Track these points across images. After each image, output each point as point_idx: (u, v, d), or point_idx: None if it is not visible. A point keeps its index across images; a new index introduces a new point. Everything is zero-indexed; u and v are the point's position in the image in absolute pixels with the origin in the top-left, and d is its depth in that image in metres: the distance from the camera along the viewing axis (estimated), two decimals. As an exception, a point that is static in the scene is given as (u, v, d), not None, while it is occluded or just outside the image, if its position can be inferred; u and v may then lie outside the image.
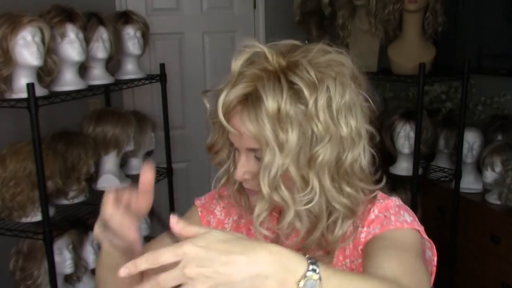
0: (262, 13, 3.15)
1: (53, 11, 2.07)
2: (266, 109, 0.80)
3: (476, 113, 2.98)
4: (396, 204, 0.95)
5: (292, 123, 0.81)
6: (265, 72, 0.84)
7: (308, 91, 0.81)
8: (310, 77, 0.82)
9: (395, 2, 2.43)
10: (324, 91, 0.82)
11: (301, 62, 0.84)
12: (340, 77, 0.85)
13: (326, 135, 0.83)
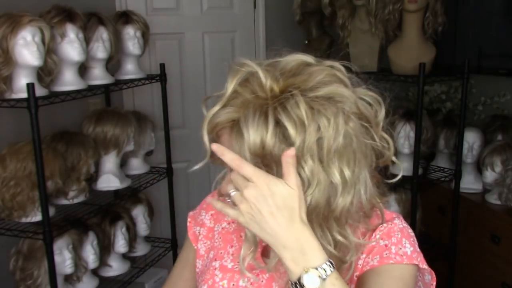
0: (262, 13, 3.15)
1: (53, 11, 2.07)
2: (248, 143, 0.77)
3: (476, 113, 2.98)
4: (399, 228, 0.92)
5: (276, 162, 0.77)
6: (255, 99, 0.79)
7: (295, 131, 0.76)
8: (300, 116, 0.76)
9: (395, 2, 2.43)
10: (314, 131, 0.76)
11: (294, 94, 0.77)
12: (336, 117, 0.77)
13: (313, 180, 0.78)
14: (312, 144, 0.76)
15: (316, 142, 0.76)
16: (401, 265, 0.87)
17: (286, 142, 0.76)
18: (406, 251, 0.89)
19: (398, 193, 2.56)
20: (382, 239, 0.89)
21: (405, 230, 0.93)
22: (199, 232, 1.07)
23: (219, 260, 1.00)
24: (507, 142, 2.53)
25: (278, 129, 0.76)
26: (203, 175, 3.23)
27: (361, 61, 2.69)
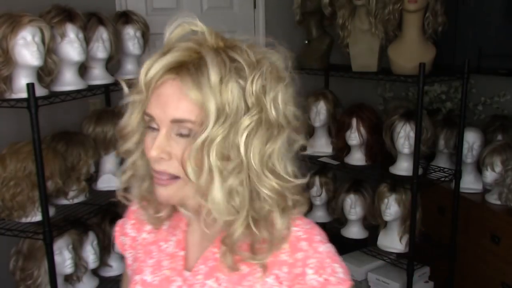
0: (262, 13, 3.15)
1: (53, 11, 2.07)
2: (209, 78, 0.78)
3: (476, 113, 2.98)
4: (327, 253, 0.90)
5: (233, 95, 0.79)
6: (204, 47, 0.82)
7: (249, 70, 0.81)
8: (250, 58, 0.82)
9: (395, 2, 2.43)
10: (260, 74, 0.82)
11: (240, 45, 0.85)
12: (273, 72, 0.85)
13: (257, 113, 0.81)
14: (259, 84, 0.81)
15: (261, 83, 0.81)
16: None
17: (240, 78, 0.80)
18: (340, 276, 0.88)
19: (398, 193, 2.56)
20: (319, 275, 0.87)
21: (331, 252, 0.90)
22: (124, 241, 1.05)
23: (139, 274, 0.98)
24: (507, 142, 2.53)
25: (234, 65, 0.80)
26: (203, 175, 3.23)
27: (361, 61, 2.69)
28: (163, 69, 0.80)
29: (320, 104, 2.88)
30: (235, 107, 0.79)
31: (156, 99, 0.81)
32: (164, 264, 0.96)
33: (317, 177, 2.99)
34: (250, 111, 0.80)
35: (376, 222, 2.73)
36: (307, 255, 0.87)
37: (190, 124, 0.80)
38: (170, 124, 0.81)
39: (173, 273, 0.94)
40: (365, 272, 2.80)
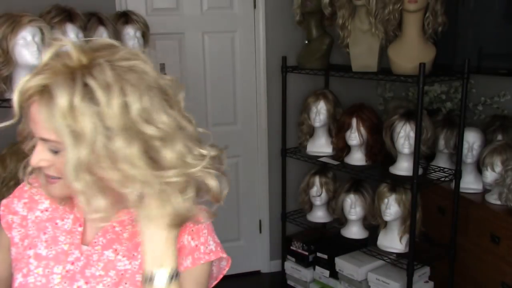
0: (262, 13, 3.15)
1: (53, 11, 2.07)
2: (57, 104, 0.81)
3: (476, 113, 2.98)
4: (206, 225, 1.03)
5: (87, 120, 0.82)
6: (65, 67, 0.84)
7: (101, 92, 0.82)
8: (106, 79, 0.83)
9: (395, 2, 2.43)
10: (118, 93, 0.83)
11: (101, 62, 0.85)
12: (139, 84, 0.85)
13: (122, 131, 0.83)
14: (118, 104, 0.82)
15: (120, 104, 0.82)
16: (208, 263, 1.01)
17: (93, 102, 0.82)
18: (212, 248, 1.02)
19: (398, 193, 2.56)
20: (192, 239, 1.00)
21: (210, 227, 1.04)
22: (12, 220, 1.07)
23: (33, 248, 1.02)
24: (507, 142, 2.53)
25: (86, 91, 0.82)
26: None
27: (361, 61, 2.69)
28: (29, 91, 0.85)
29: (320, 104, 2.89)
30: (93, 131, 0.82)
31: (29, 116, 0.88)
32: (60, 239, 1.02)
33: (317, 177, 2.99)
34: (118, 131, 0.83)
35: (376, 222, 2.73)
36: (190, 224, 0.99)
37: (56, 144, 0.86)
38: (41, 140, 0.89)
39: (71, 247, 1.01)
40: (365, 272, 2.80)
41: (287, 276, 3.24)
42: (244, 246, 3.44)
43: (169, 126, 0.88)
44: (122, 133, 0.83)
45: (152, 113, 0.86)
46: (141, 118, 0.84)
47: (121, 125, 0.83)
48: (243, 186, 3.36)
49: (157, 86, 0.89)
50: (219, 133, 3.26)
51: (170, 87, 0.92)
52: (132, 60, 0.88)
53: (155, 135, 0.85)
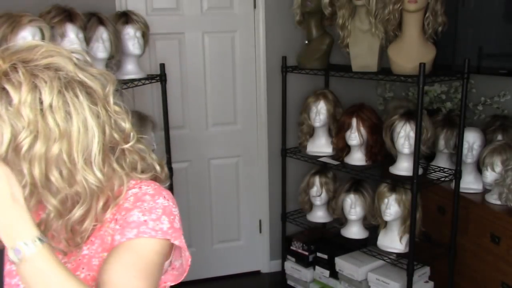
0: (262, 13, 3.15)
1: (53, 11, 2.07)
2: None
3: (476, 113, 2.98)
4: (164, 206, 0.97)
5: (4, 122, 0.85)
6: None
7: (13, 91, 0.85)
8: (19, 79, 0.86)
9: (395, 2, 2.43)
10: (29, 89, 0.86)
11: (17, 65, 0.88)
12: (53, 79, 0.88)
13: (30, 128, 0.86)
14: (29, 100, 0.85)
15: (32, 99, 0.86)
16: (155, 240, 0.94)
17: (9, 103, 0.85)
18: (162, 226, 0.95)
19: (398, 193, 2.56)
20: (143, 214, 0.95)
21: (168, 208, 0.98)
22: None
23: None
24: (507, 142, 2.53)
25: (3, 94, 0.86)
26: (203, 174, 3.24)
27: (361, 61, 2.69)
28: None
29: (320, 104, 2.89)
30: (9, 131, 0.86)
31: None
32: None
33: (317, 177, 2.99)
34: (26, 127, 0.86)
35: (376, 222, 2.73)
36: (143, 202, 0.96)
37: None
38: None
39: None
40: (365, 272, 2.80)
41: (287, 276, 3.24)
42: (244, 246, 3.44)
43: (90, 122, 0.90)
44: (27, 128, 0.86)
45: (72, 110, 0.88)
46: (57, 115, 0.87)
47: (31, 121, 0.86)
48: (243, 186, 3.36)
49: (78, 80, 0.91)
50: (219, 133, 3.27)
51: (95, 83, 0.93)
52: (50, 58, 0.91)
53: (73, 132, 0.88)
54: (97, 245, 0.97)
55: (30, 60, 0.89)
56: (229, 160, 3.31)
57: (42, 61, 0.90)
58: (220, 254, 3.38)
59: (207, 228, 3.31)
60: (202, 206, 3.27)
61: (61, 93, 0.88)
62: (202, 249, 3.31)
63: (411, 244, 2.49)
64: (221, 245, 3.38)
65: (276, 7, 3.15)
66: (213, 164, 3.27)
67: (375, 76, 2.71)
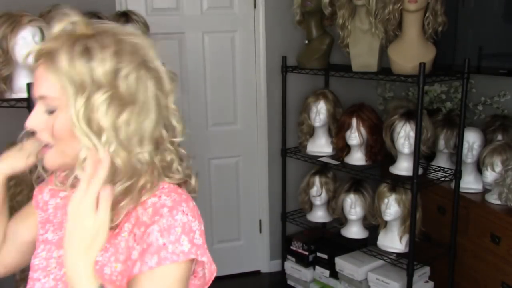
0: (262, 13, 3.15)
1: (53, 11, 2.07)
2: (60, 64, 0.90)
3: (476, 113, 2.98)
4: (183, 222, 0.94)
5: (81, 74, 0.89)
6: (70, 35, 0.92)
7: (97, 51, 0.90)
8: (106, 43, 0.91)
9: (395, 2, 2.43)
10: (113, 55, 0.90)
11: (104, 31, 0.94)
12: (132, 55, 0.93)
13: (106, 88, 0.90)
14: (111, 64, 0.90)
15: (114, 70, 0.90)
16: (177, 264, 0.91)
17: (90, 60, 0.89)
18: (183, 249, 0.92)
19: (398, 193, 2.56)
20: (161, 236, 0.91)
21: (187, 225, 0.94)
22: (39, 200, 1.16)
23: (45, 233, 1.10)
24: (507, 142, 2.53)
25: (85, 51, 0.90)
26: (203, 174, 3.23)
27: (361, 61, 2.69)
28: (36, 55, 0.94)
29: (320, 104, 2.88)
30: (88, 84, 0.89)
31: (35, 78, 0.95)
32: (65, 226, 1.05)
33: (317, 177, 2.99)
34: (102, 87, 0.90)
35: (376, 222, 2.73)
36: (162, 218, 0.93)
37: (53, 101, 0.92)
38: (39, 100, 0.95)
39: None
40: (365, 272, 2.80)
41: (287, 276, 3.24)
42: (244, 246, 3.44)
43: (151, 102, 0.94)
44: (104, 88, 0.89)
45: (137, 85, 0.92)
46: (125, 83, 0.91)
47: (107, 82, 0.90)
48: (243, 186, 3.36)
49: (152, 67, 0.95)
50: (219, 133, 3.26)
51: (164, 75, 0.97)
52: (135, 36, 0.96)
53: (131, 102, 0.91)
54: (111, 253, 0.97)
55: (116, 33, 0.94)
56: (229, 160, 3.31)
57: (127, 37, 0.95)
58: (220, 254, 3.38)
59: (207, 228, 3.29)
60: (202, 206, 3.26)
61: (137, 69, 0.92)
62: (202, 249, 3.31)
63: (411, 244, 2.49)
64: (221, 245, 3.38)
65: (276, 7, 3.15)
66: (213, 164, 3.27)
67: (375, 76, 2.71)
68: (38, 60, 0.94)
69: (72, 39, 0.91)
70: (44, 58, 0.92)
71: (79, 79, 0.89)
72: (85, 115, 0.89)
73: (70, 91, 0.89)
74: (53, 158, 0.97)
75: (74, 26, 0.93)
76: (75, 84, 0.89)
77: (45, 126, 0.94)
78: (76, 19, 0.94)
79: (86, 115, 0.89)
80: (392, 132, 2.59)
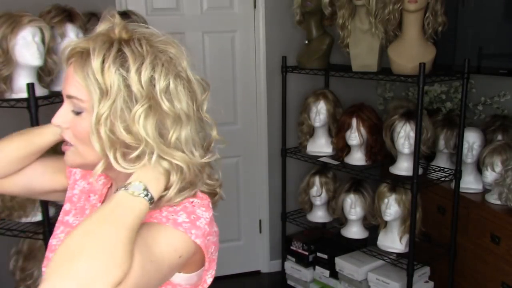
0: (262, 13, 3.15)
1: (53, 11, 2.07)
2: (91, 63, 0.89)
3: (476, 113, 2.98)
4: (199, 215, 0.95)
5: (113, 80, 0.89)
6: (106, 37, 0.93)
7: (133, 59, 0.89)
8: (140, 50, 0.91)
9: (395, 2, 2.43)
10: (148, 66, 0.90)
11: (140, 37, 0.93)
12: (168, 66, 0.92)
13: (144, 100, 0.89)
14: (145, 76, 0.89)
15: (147, 76, 0.90)
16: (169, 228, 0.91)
17: (123, 68, 0.89)
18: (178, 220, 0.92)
19: (398, 193, 2.56)
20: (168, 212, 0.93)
21: (189, 209, 0.95)
22: (71, 175, 1.18)
23: (66, 215, 1.14)
24: (507, 142, 2.53)
25: (118, 56, 0.90)
26: (203, 175, 3.23)
27: (361, 61, 2.69)
28: (69, 51, 0.94)
29: (320, 104, 2.88)
30: (116, 91, 0.89)
31: (66, 75, 0.95)
32: (86, 212, 1.11)
33: (317, 177, 2.99)
34: (140, 99, 0.89)
35: (376, 222, 2.73)
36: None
37: (80, 102, 0.92)
38: (67, 99, 0.95)
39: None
40: (365, 272, 2.80)
41: (287, 276, 3.24)
42: (244, 246, 3.44)
43: (184, 112, 0.93)
44: (142, 100, 0.89)
45: (173, 96, 0.92)
46: (162, 95, 0.91)
47: (144, 93, 0.89)
48: (243, 186, 3.36)
49: (185, 77, 0.95)
50: (219, 133, 3.26)
51: (197, 85, 0.97)
52: (170, 46, 0.95)
53: (170, 114, 0.91)
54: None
55: (152, 41, 0.94)
56: (229, 160, 3.31)
57: (162, 46, 0.94)
58: (220, 254, 3.37)
59: (207, 228, 3.31)
60: (202, 206, 3.27)
61: (172, 79, 0.92)
62: (202, 249, 3.31)
63: (411, 244, 2.49)
64: (221, 245, 3.33)
65: (276, 7, 3.15)
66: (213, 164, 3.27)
67: (375, 76, 2.71)
68: (70, 58, 0.93)
69: (108, 42, 0.91)
70: (76, 57, 0.92)
71: (107, 85, 0.88)
72: (109, 122, 0.89)
73: (96, 96, 0.89)
74: (72, 157, 0.98)
75: (112, 28, 0.93)
76: (102, 89, 0.89)
77: (69, 126, 0.95)
78: (116, 21, 0.94)
79: (110, 122, 0.89)
80: (392, 132, 2.59)
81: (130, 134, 0.89)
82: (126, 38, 0.92)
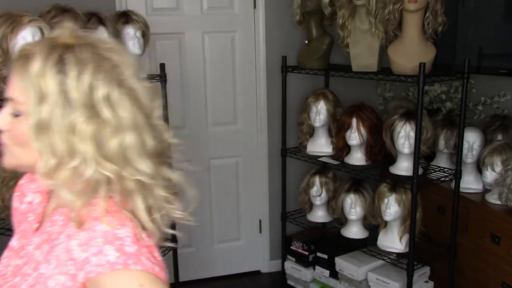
0: (262, 13, 3.15)
1: (53, 11, 2.07)
2: (31, 67, 0.89)
3: (476, 113, 2.98)
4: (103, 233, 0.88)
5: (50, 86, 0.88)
6: (51, 41, 0.92)
7: (73, 66, 0.88)
8: (82, 57, 0.90)
9: (395, 2, 2.43)
10: (89, 73, 0.88)
11: (84, 44, 0.92)
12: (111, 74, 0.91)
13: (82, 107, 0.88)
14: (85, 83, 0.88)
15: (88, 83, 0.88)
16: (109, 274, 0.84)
17: (62, 73, 0.88)
18: (109, 259, 0.85)
19: (398, 193, 2.56)
20: (82, 250, 0.87)
21: (110, 234, 0.88)
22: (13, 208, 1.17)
23: (12, 239, 1.11)
24: (507, 142, 2.53)
25: (59, 61, 0.89)
26: (203, 175, 3.23)
27: (361, 61, 2.69)
28: (17, 53, 0.95)
29: (320, 104, 2.88)
30: (53, 96, 0.88)
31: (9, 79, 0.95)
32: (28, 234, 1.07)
33: (317, 177, 2.99)
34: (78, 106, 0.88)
35: (376, 222, 2.73)
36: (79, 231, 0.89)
37: (19, 105, 0.91)
38: (8, 102, 0.94)
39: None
40: (365, 272, 2.80)
41: (287, 276, 3.24)
42: (244, 246, 3.44)
43: (129, 121, 0.91)
44: (81, 108, 0.88)
45: (115, 104, 0.90)
46: (102, 103, 0.89)
47: (83, 101, 0.88)
48: (243, 186, 3.36)
49: (129, 85, 0.93)
50: (219, 133, 3.26)
51: (143, 93, 0.95)
52: (115, 53, 0.93)
53: (110, 122, 0.89)
54: (53, 265, 0.90)
55: (98, 47, 0.93)
56: (229, 160, 3.31)
57: (107, 53, 0.93)
58: (220, 254, 3.38)
59: (207, 228, 3.31)
60: (202, 206, 3.27)
61: (115, 88, 0.90)
62: (202, 249, 3.31)
63: (411, 244, 2.49)
64: (221, 245, 3.38)
65: (276, 7, 3.15)
66: (213, 164, 3.27)
67: (375, 76, 2.71)
68: (16, 60, 0.93)
69: (51, 47, 0.90)
70: (20, 60, 0.92)
71: (44, 89, 0.87)
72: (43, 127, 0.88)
73: (33, 100, 0.88)
74: (7, 159, 0.97)
75: (59, 33, 0.93)
76: (39, 93, 0.88)
77: (8, 128, 0.94)
78: (65, 25, 0.94)
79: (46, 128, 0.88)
80: (392, 132, 2.59)
81: (66, 142, 0.88)
82: (70, 44, 0.91)
